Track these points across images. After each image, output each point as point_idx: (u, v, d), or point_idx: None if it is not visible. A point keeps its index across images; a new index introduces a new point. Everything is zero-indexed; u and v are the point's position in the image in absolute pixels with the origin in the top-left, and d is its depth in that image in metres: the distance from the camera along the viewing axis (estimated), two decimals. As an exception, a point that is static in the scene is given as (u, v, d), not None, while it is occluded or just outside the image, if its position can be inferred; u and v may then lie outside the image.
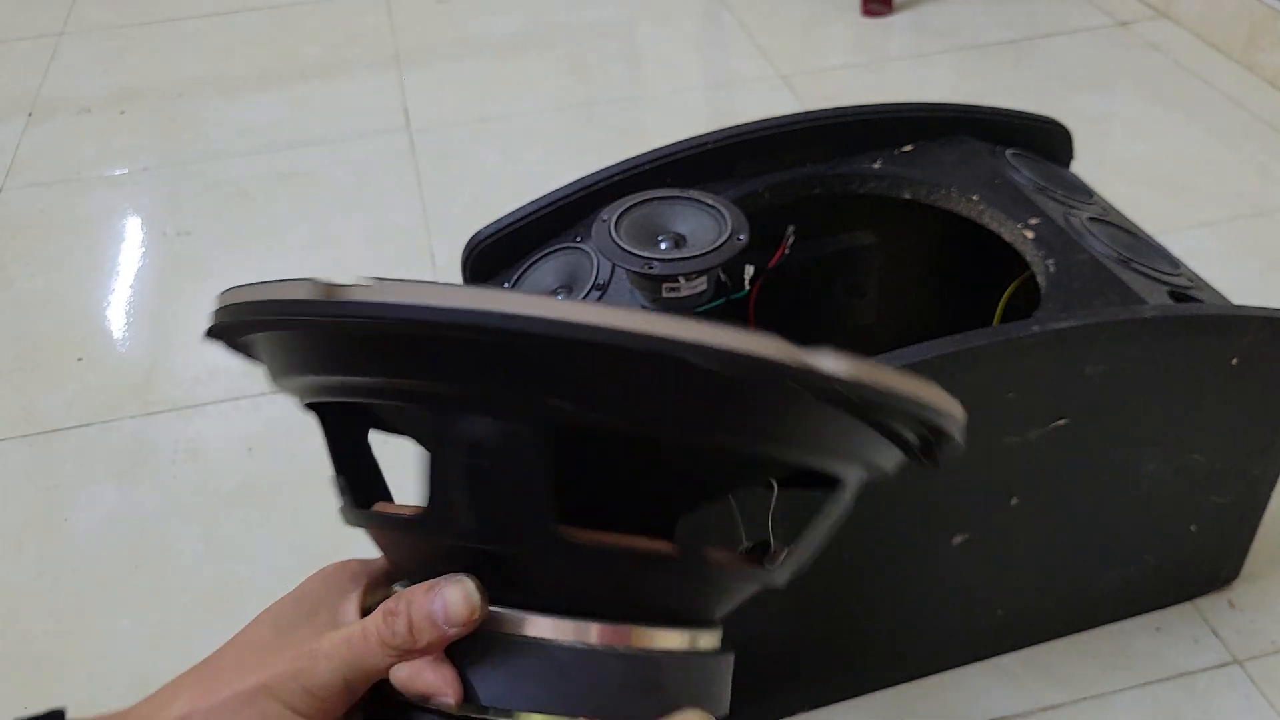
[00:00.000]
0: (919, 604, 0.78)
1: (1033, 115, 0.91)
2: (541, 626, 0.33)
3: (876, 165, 0.85)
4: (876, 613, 0.78)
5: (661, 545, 0.34)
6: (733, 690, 0.37)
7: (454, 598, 0.31)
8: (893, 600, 0.77)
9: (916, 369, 0.64)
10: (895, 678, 0.82)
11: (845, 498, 0.37)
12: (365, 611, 0.36)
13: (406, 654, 0.31)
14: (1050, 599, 0.83)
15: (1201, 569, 0.86)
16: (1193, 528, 0.82)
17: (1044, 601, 0.83)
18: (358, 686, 0.32)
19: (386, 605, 0.32)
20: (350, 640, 0.32)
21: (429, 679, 0.31)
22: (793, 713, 0.81)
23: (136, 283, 1.28)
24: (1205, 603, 0.87)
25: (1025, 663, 0.84)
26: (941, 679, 0.83)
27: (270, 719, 0.31)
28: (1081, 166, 0.93)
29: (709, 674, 0.37)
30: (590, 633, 0.33)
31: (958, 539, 0.75)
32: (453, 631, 0.31)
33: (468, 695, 0.32)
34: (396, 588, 0.36)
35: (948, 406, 0.35)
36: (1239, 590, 0.88)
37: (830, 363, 0.30)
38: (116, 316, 1.23)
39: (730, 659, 0.38)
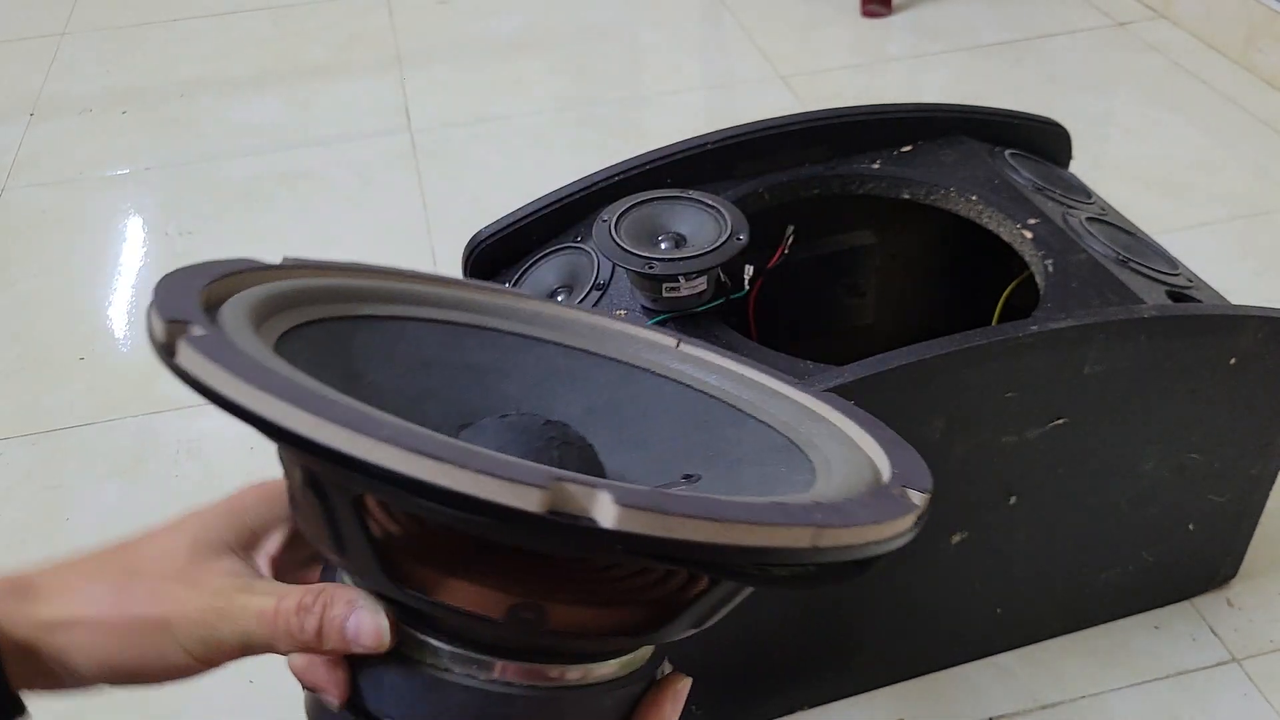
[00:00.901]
0: (917, 602, 0.79)
1: (1031, 116, 0.91)
2: (440, 654, 0.32)
3: (876, 166, 0.85)
4: (875, 611, 0.78)
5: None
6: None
7: (367, 625, 0.31)
8: (891, 599, 0.78)
9: (915, 369, 0.64)
10: (894, 676, 0.83)
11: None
12: (279, 565, 0.37)
13: (308, 651, 0.32)
14: (1048, 597, 0.83)
15: (1200, 568, 0.86)
16: (1191, 526, 0.82)
17: (1042, 600, 0.83)
18: (254, 651, 0.33)
19: (303, 601, 0.32)
20: (261, 616, 0.32)
21: (321, 676, 0.32)
22: (792, 711, 0.81)
23: (138, 282, 1.28)
24: (1203, 601, 0.88)
25: (1024, 661, 0.84)
26: (940, 677, 0.83)
27: (166, 658, 0.32)
28: (1080, 167, 0.93)
29: (597, 705, 0.35)
30: (487, 669, 0.32)
31: (956, 538, 0.75)
32: (357, 649, 0.31)
33: (352, 700, 0.33)
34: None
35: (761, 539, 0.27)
36: (1237, 589, 0.88)
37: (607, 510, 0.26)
38: (118, 316, 1.24)
39: (632, 690, 0.36)
